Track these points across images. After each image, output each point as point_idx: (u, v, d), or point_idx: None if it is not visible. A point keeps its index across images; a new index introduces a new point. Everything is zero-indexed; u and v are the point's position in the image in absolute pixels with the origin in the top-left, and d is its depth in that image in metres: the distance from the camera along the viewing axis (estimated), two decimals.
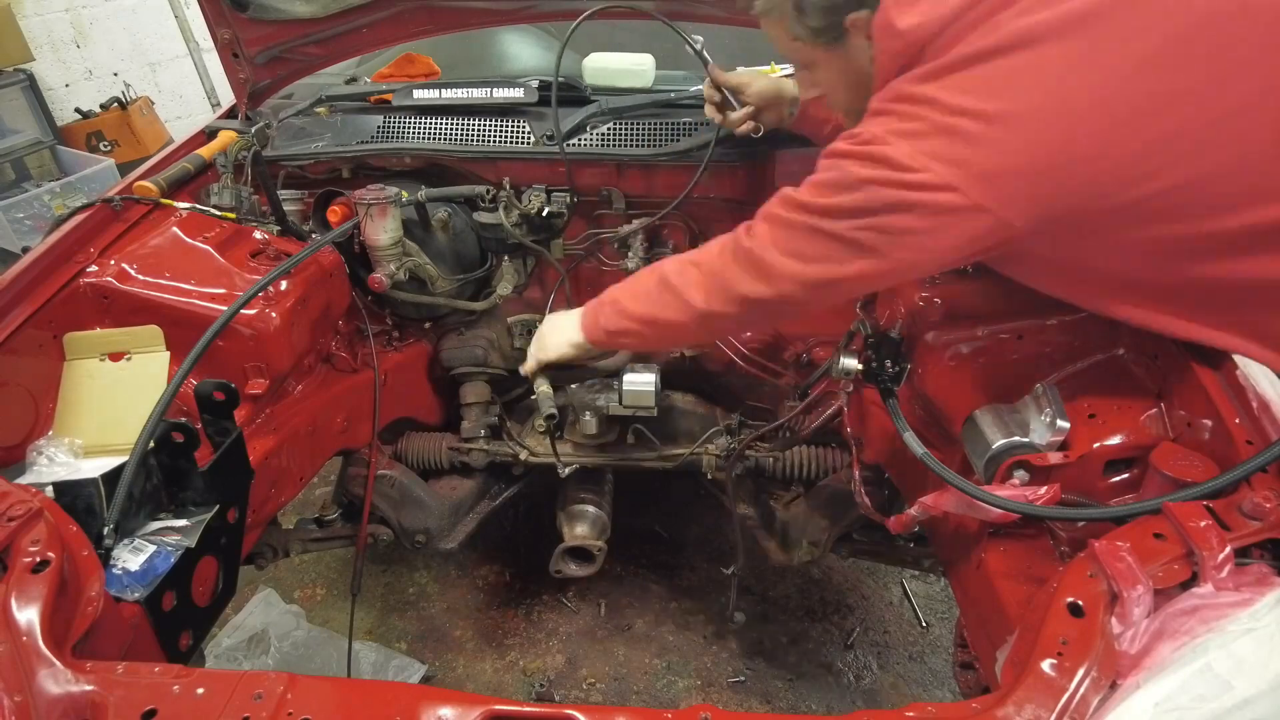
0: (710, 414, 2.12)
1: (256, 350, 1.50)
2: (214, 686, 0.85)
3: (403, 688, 1.13)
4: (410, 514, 2.02)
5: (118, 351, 1.46)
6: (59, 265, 1.48)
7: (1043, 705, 0.80)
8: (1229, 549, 0.87)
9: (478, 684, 2.22)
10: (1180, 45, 0.89)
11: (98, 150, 4.89)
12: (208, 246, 1.59)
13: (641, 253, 1.92)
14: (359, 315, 1.89)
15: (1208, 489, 0.97)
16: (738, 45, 2.24)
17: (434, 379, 2.17)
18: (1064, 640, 0.84)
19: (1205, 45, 0.88)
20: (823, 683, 2.19)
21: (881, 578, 2.51)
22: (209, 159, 1.81)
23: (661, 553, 2.60)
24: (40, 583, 0.90)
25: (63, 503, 1.09)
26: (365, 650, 2.23)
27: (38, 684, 0.83)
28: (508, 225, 1.83)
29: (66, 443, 1.35)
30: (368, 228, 1.73)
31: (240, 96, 1.98)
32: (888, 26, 1.03)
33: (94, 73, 5.14)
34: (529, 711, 0.85)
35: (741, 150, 1.79)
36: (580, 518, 2.06)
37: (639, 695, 2.17)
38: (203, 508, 1.25)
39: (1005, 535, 1.20)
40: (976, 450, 1.20)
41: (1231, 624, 0.81)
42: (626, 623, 2.37)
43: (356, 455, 1.95)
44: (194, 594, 1.19)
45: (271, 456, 1.51)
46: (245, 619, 2.26)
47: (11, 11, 4.45)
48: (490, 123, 1.92)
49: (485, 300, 2.01)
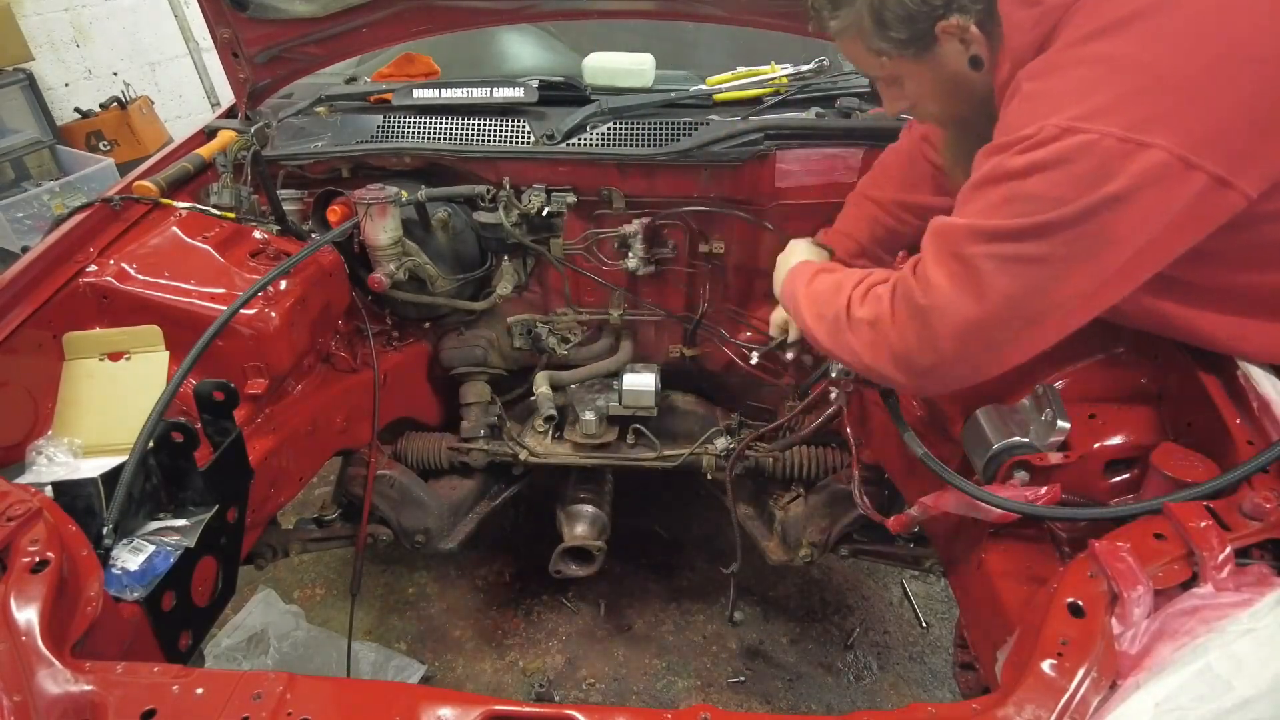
0: (710, 414, 2.13)
1: (256, 350, 1.50)
2: (213, 686, 0.85)
3: (402, 688, 1.13)
4: (410, 514, 2.02)
5: (117, 351, 1.46)
6: (58, 265, 1.48)
7: (1043, 705, 0.80)
8: (1229, 549, 0.87)
9: (477, 684, 2.22)
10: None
11: (97, 150, 4.88)
12: (207, 246, 1.59)
13: (641, 252, 1.92)
14: (359, 315, 1.89)
15: (1208, 489, 0.97)
16: (738, 45, 2.25)
17: (434, 379, 2.17)
18: (1064, 640, 0.84)
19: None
20: (823, 683, 2.19)
21: (881, 578, 2.51)
22: (209, 159, 1.81)
23: (661, 553, 2.60)
24: (40, 582, 0.90)
25: (62, 503, 1.09)
26: (365, 650, 2.23)
27: (37, 684, 0.83)
28: (507, 225, 1.83)
29: (66, 442, 1.35)
30: (367, 228, 1.73)
31: (240, 96, 1.98)
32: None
33: (94, 72, 5.13)
34: (529, 711, 0.85)
35: (742, 150, 1.79)
36: (580, 518, 2.06)
37: (638, 695, 2.17)
38: (202, 508, 1.25)
39: (1005, 535, 1.20)
40: (976, 450, 1.20)
41: (1232, 624, 0.81)
42: (626, 623, 2.37)
43: (356, 455, 1.95)
44: (193, 594, 1.19)
45: (271, 456, 1.51)
46: (245, 619, 2.26)
47: (11, 11, 4.44)
48: (490, 122, 1.92)
49: (485, 300, 2.01)
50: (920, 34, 1.02)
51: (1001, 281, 0.91)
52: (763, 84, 1.97)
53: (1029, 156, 0.88)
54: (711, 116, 1.87)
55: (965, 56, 1.03)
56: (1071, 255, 0.88)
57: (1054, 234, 0.87)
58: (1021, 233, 0.89)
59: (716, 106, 1.94)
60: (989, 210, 0.92)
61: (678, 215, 1.92)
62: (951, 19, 0.98)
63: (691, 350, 2.15)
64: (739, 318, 2.08)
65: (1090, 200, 0.84)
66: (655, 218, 1.91)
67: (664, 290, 2.08)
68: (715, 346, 2.12)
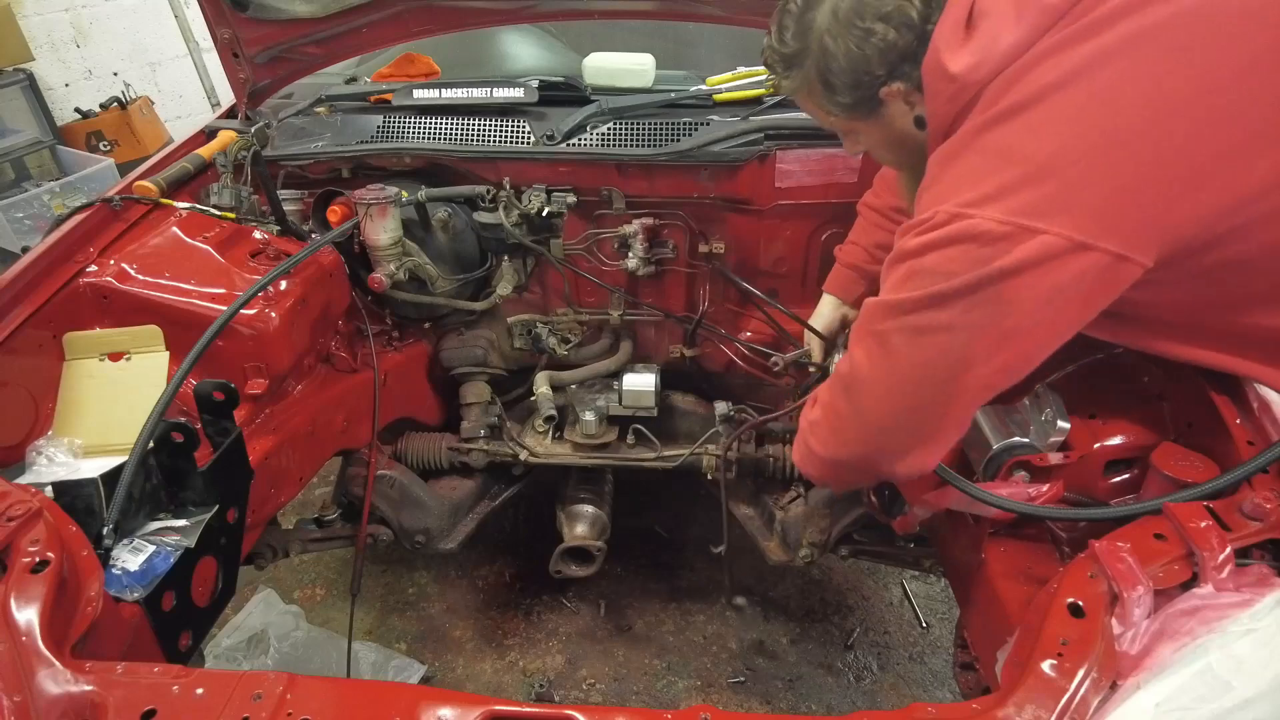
0: (710, 414, 2.12)
1: (256, 350, 1.50)
2: (213, 687, 0.85)
3: (402, 688, 1.13)
4: (410, 514, 2.02)
5: (117, 351, 1.46)
6: (59, 265, 1.48)
7: (1043, 706, 0.80)
8: (1229, 550, 0.88)
9: (477, 684, 2.22)
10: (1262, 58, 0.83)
11: (97, 150, 4.88)
12: (207, 246, 1.59)
13: (641, 252, 1.92)
14: (359, 315, 1.89)
15: (1208, 489, 0.97)
16: (738, 45, 2.25)
17: (434, 379, 2.17)
18: (1064, 641, 0.84)
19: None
20: (823, 683, 2.19)
21: (881, 578, 2.51)
22: (209, 159, 1.81)
23: (661, 553, 2.60)
24: (40, 583, 0.90)
25: (62, 503, 1.09)
26: (365, 650, 2.23)
27: (37, 684, 0.83)
28: (508, 225, 1.83)
29: (66, 443, 1.35)
30: (368, 228, 1.73)
31: (240, 96, 1.98)
32: (939, 70, 0.96)
33: (94, 72, 5.13)
34: (529, 712, 0.85)
35: (742, 150, 1.79)
36: (580, 518, 2.06)
37: (639, 695, 2.17)
38: (202, 508, 1.25)
39: (1005, 535, 1.20)
40: (977, 450, 1.20)
41: (1232, 625, 0.81)
42: (626, 623, 2.37)
43: (356, 455, 1.95)
44: (193, 594, 1.19)
45: (271, 456, 1.51)
46: (245, 619, 2.26)
47: (11, 11, 4.44)
48: (490, 123, 1.92)
49: (485, 300, 2.01)
50: (865, 98, 1.06)
51: (909, 350, 0.97)
52: (763, 84, 1.96)
53: (923, 238, 0.93)
54: (711, 116, 1.87)
55: (910, 117, 1.07)
56: (973, 322, 0.91)
57: (951, 303, 0.91)
58: (920, 303, 0.94)
59: (716, 106, 1.94)
60: (894, 286, 0.98)
61: (677, 215, 1.92)
62: (893, 85, 1.03)
63: (691, 350, 2.15)
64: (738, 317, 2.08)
65: (982, 273, 0.88)
66: (656, 216, 1.91)
67: (664, 290, 2.08)
68: (715, 346, 2.12)
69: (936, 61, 0.96)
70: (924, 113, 1.04)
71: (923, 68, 0.99)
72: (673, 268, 2.03)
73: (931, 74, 0.98)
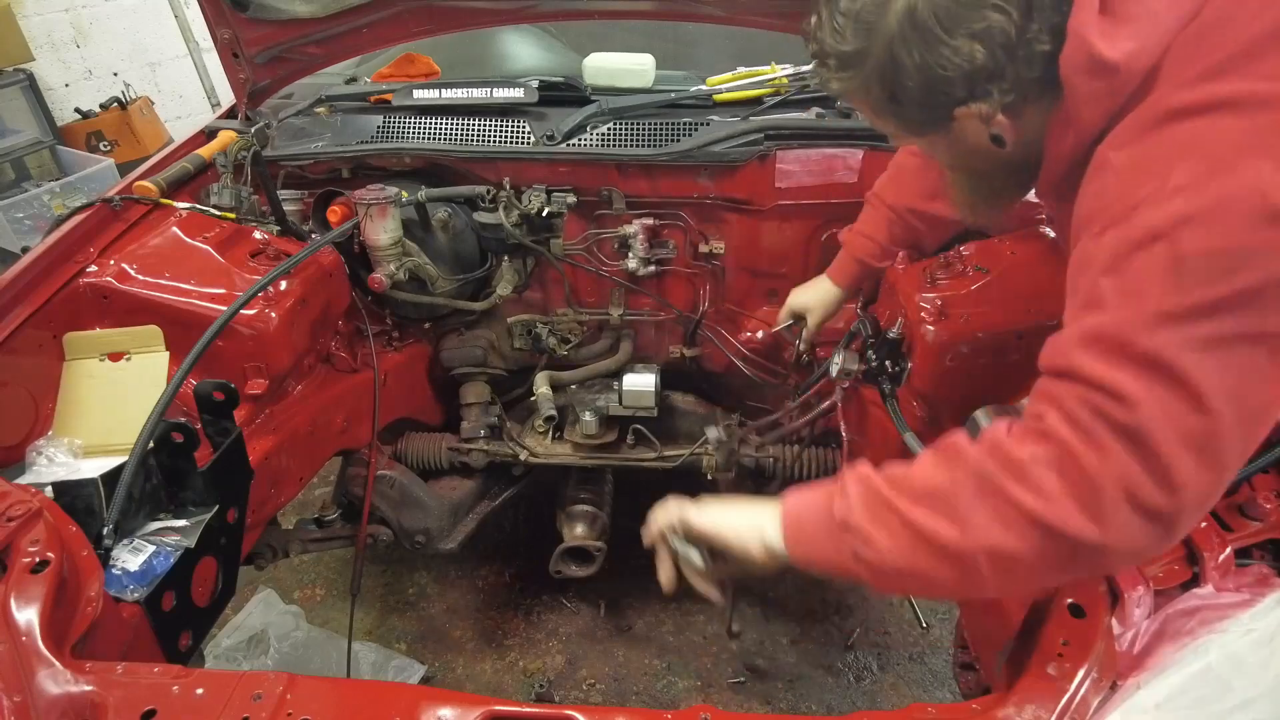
0: (710, 414, 2.12)
1: (256, 350, 1.50)
2: (213, 687, 0.85)
3: (402, 688, 1.13)
4: (410, 514, 2.02)
5: (117, 351, 1.46)
6: (59, 265, 1.48)
7: (1043, 706, 0.80)
8: (1229, 550, 0.88)
9: (477, 684, 2.22)
10: None
11: (97, 150, 4.88)
12: (207, 246, 1.59)
13: (641, 253, 1.92)
14: (359, 315, 1.89)
15: None
16: (737, 45, 2.25)
17: (434, 379, 2.17)
18: (1065, 641, 0.84)
19: None
20: (823, 683, 2.19)
21: None
22: (209, 159, 1.81)
23: None
24: (40, 583, 0.90)
25: (62, 503, 1.09)
26: (365, 651, 2.23)
27: (37, 684, 0.83)
28: (508, 225, 1.83)
29: (66, 443, 1.35)
30: (368, 228, 1.73)
31: (240, 96, 1.98)
32: (1090, 65, 0.79)
33: (94, 72, 5.14)
34: (529, 712, 0.85)
35: (742, 150, 1.79)
36: (580, 518, 2.06)
37: (639, 696, 2.17)
38: (202, 508, 1.25)
39: None
40: None
41: (1232, 625, 0.81)
42: (626, 623, 2.37)
43: (356, 455, 1.95)
44: (193, 594, 1.19)
45: (271, 456, 1.51)
46: (245, 619, 2.26)
47: (11, 11, 4.44)
48: (490, 123, 1.92)
49: (485, 300, 2.01)
50: (936, 117, 0.91)
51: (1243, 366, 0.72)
52: (763, 84, 1.97)
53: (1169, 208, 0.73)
54: (712, 117, 1.87)
55: (986, 134, 0.92)
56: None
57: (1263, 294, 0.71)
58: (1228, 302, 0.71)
59: (717, 107, 1.94)
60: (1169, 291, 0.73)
61: (677, 215, 1.92)
62: (973, 106, 0.87)
63: (691, 350, 2.15)
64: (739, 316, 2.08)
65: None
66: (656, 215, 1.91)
67: (664, 290, 2.08)
68: (715, 346, 2.12)
69: (1087, 56, 0.79)
70: (1005, 135, 0.91)
71: (1063, 70, 0.82)
72: (673, 268, 2.03)
73: (1080, 72, 0.81)
